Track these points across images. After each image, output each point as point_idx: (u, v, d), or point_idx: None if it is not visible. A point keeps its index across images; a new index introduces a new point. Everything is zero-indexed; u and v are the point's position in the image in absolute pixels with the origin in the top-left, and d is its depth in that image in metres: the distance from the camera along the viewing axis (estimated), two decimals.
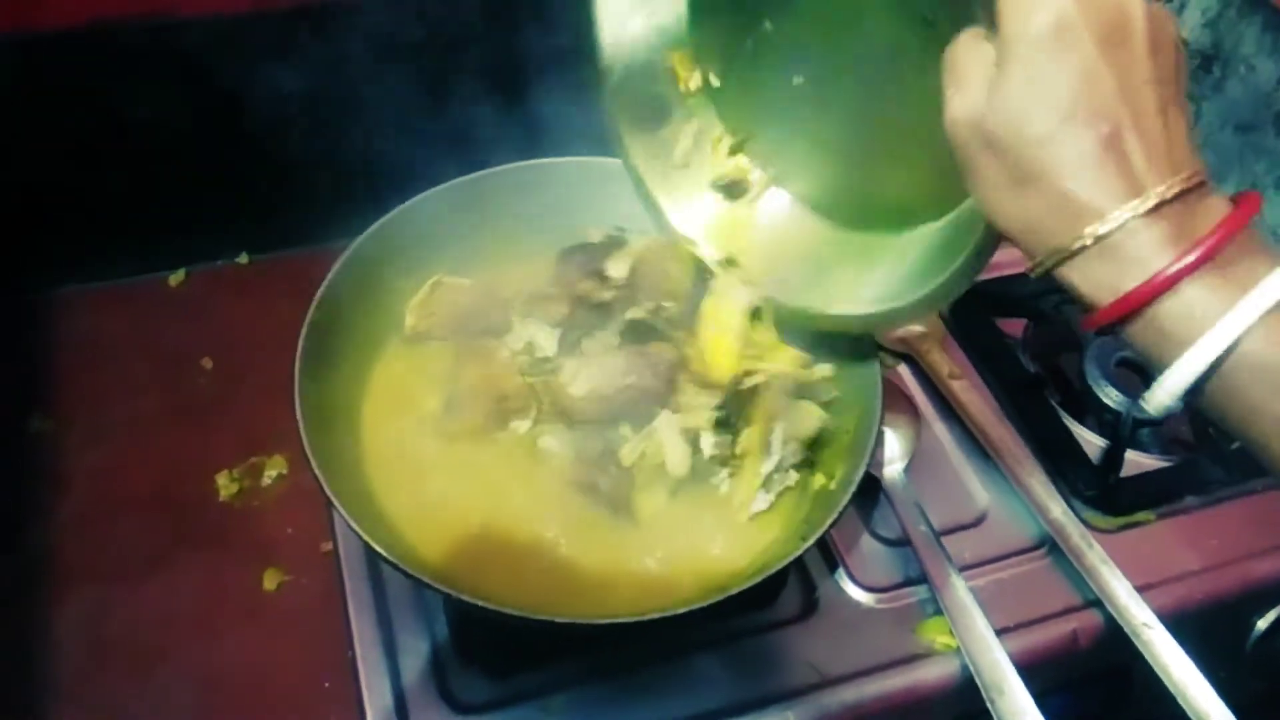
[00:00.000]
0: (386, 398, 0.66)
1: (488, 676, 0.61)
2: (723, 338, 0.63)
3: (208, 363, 0.80)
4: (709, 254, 0.65)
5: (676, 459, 0.60)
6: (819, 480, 0.63)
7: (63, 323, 0.81)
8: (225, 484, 0.73)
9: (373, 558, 0.65)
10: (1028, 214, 0.37)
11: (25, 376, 0.77)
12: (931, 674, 0.64)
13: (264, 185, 0.83)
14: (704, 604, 0.49)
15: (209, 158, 0.81)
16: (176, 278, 0.86)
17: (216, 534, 0.70)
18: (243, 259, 0.88)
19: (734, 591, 0.49)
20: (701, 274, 0.66)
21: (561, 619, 0.48)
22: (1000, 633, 0.62)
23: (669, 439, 0.60)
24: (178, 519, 0.71)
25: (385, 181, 0.69)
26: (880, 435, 0.61)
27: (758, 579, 0.50)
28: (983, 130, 0.37)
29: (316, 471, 0.54)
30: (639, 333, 0.64)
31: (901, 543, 0.69)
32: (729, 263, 0.64)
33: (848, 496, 0.55)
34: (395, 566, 0.51)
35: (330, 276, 0.63)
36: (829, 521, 0.54)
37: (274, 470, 0.74)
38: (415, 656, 0.63)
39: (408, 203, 0.67)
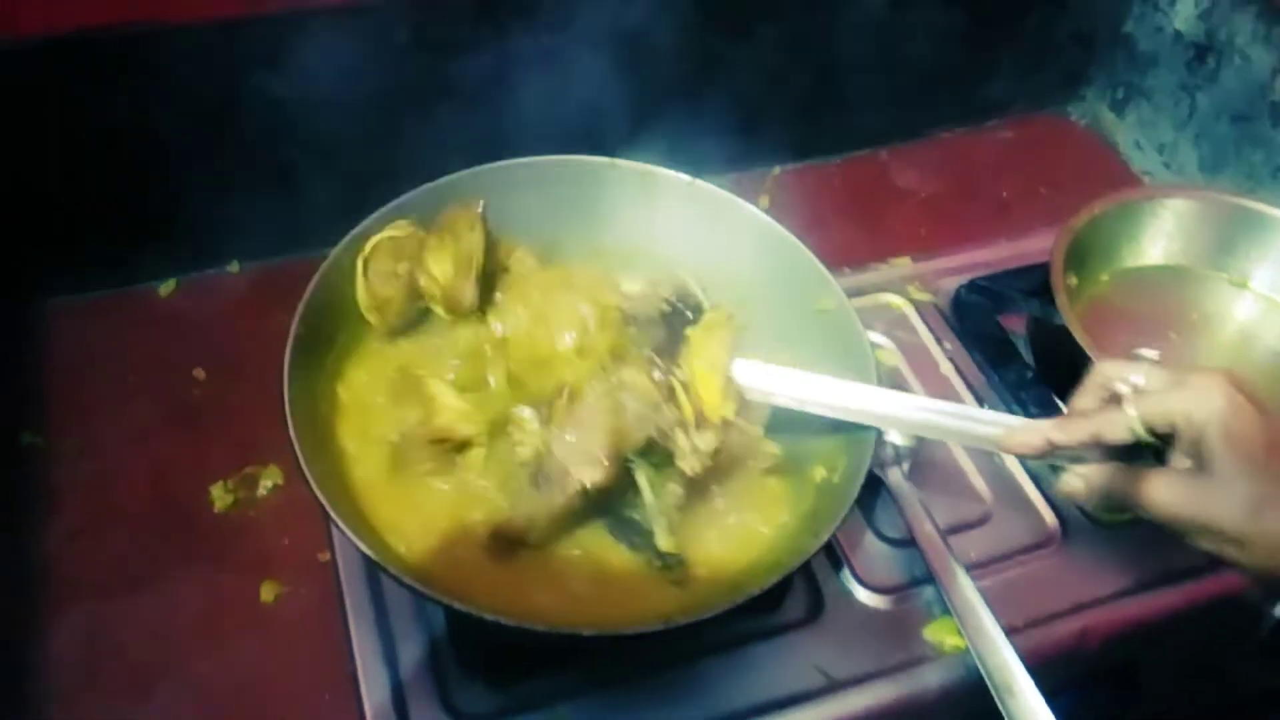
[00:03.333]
0: (377, 404, 0.65)
1: (490, 686, 0.60)
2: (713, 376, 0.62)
3: (200, 373, 0.79)
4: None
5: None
6: (819, 472, 0.61)
7: (52, 335, 0.80)
8: (220, 495, 0.72)
9: (372, 568, 0.64)
10: None
11: (15, 390, 0.76)
12: (940, 675, 0.64)
13: (254, 193, 0.81)
14: (712, 613, 0.48)
15: (198, 165, 0.80)
16: (167, 287, 0.85)
17: (213, 546, 0.69)
18: (233, 267, 0.87)
19: (741, 600, 0.48)
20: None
21: (562, 630, 0.47)
22: (1009, 632, 0.61)
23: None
24: (173, 531, 0.70)
25: (377, 187, 0.68)
26: (881, 432, 0.61)
27: (769, 583, 0.49)
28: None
29: (313, 484, 0.53)
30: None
31: (906, 542, 0.68)
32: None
33: (855, 490, 0.54)
34: (394, 577, 0.50)
35: (311, 287, 0.61)
36: (839, 516, 0.53)
37: (269, 480, 0.73)
38: (416, 668, 0.62)
39: (384, 207, 0.66)
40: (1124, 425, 0.50)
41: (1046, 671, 0.60)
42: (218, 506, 0.71)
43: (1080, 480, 0.53)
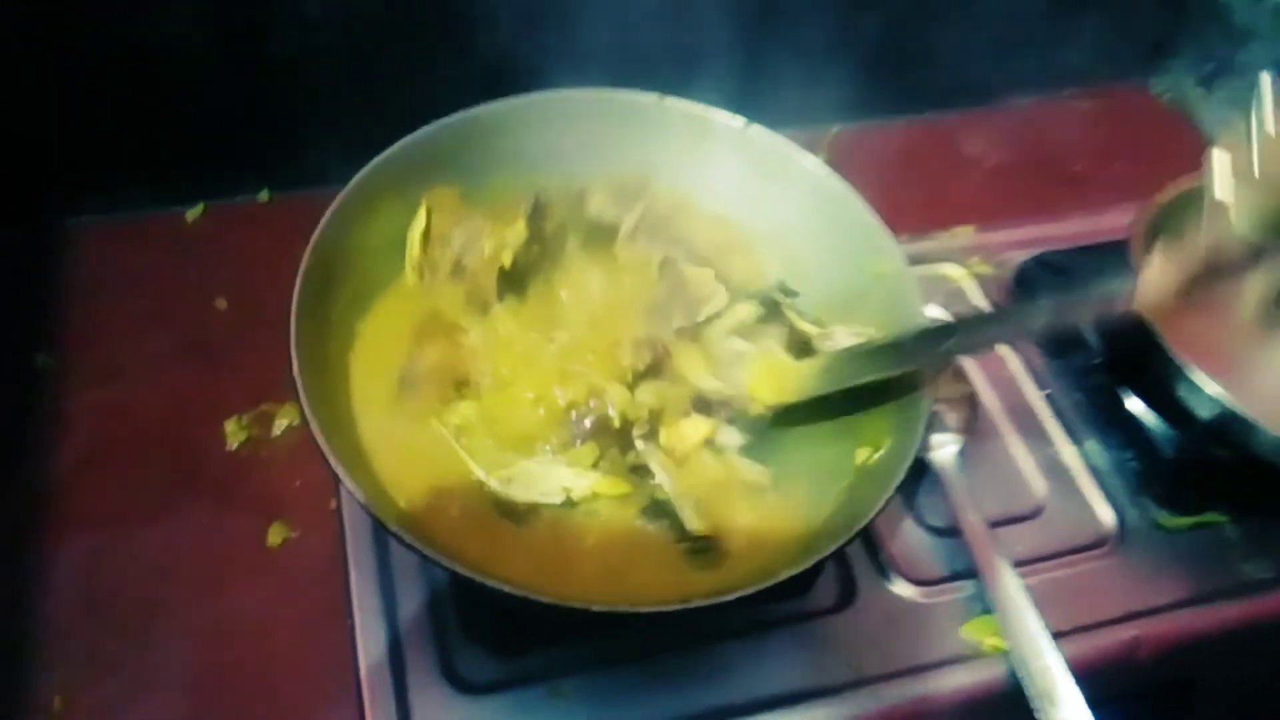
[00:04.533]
0: (398, 343, 0.61)
1: (494, 655, 0.57)
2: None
3: (222, 303, 0.76)
4: None
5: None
6: (863, 453, 0.57)
7: (72, 256, 0.78)
8: (234, 431, 0.70)
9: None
10: None
11: (31, 311, 0.74)
12: (976, 677, 0.60)
13: (289, 118, 0.78)
14: (735, 596, 0.44)
15: (232, 87, 0.76)
16: (193, 213, 0.82)
17: (222, 483, 0.67)
18: (264, 196, 0.84)
19: (769, 584, 0.44)
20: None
21: (571, 604, 0.44)
22: (1055, 636, 0.57)
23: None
24: (182, 465, 0.68)
25: (414, 119, 0.64)
26: (931, 411, 0.56)
27: (801, 567, 0.45)
28: None
29: (313, 426, 0.49)
30: None
31: (950, 532, 0.64)
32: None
33: (901, 474, 0.50)
34: (391, 533, 0.46)
35: (326, 218, 0.58)
36: (881, 500, 0.49)
37: (285, 420, 0.70)
38: (418, 629, 0.59)
39: (409, 136, 0.62)
40: None
41: (1092, 681, 0.56)
42: (230, 443, 0.69)
43: None
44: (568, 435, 0.57)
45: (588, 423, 0.57)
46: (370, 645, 0.58)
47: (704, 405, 0.59)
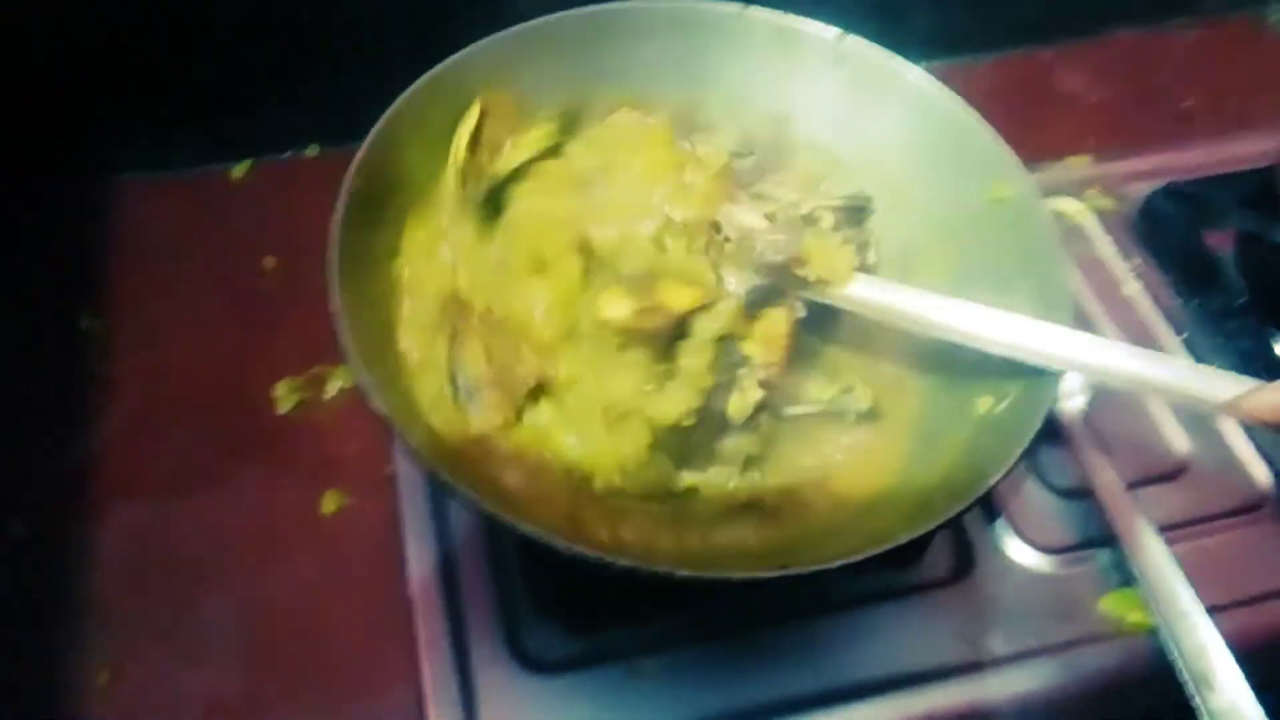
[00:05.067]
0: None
1: (567, 630, 0.52)
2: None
3: (270, 262, 0.73)
4: None
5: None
6: (985, 402, 0.50)
7: (117, 214, 0.75)
8: (285, 394, 0.66)
9: (435, 486, 0.56)
10: None
11: (76, 270, 0.72)
12: (1119, 658, 0.53)
13: (338, 70, 0.74)
14: (837, 564, 0.38)
15: (281, 37, 0.73)
16: (241, 169, 0.79)
17: (273, 449, 0.64)
18: (313, 151, 0.80)
19: (871, 553, 0.38)
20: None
21: (653, 568, 0.38)
22: (1210, 611, 0.50)
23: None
24: (232, 430, 0.64)
25: None
26: None
27: (917, 531, 0.39)
28: None
29: (362, 377, 0.44)
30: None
31: (1080, 493, 0.57)
32: None
33: (1033, 429, 0.43)
34: (444, 484, 0.41)
35: (371, 137, 0.53)
36: (1010, 459, 0.42)
37: (338, 381, 0.67)
38: (482, 602, 0.54)
39: (466, 49, 0.57)
40: None
41: (1255, 662, 0.49)
42: (281, 407, 0.66)
43: None
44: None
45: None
46: (429, 619, 0.54)
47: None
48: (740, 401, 0.50)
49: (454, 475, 0.41)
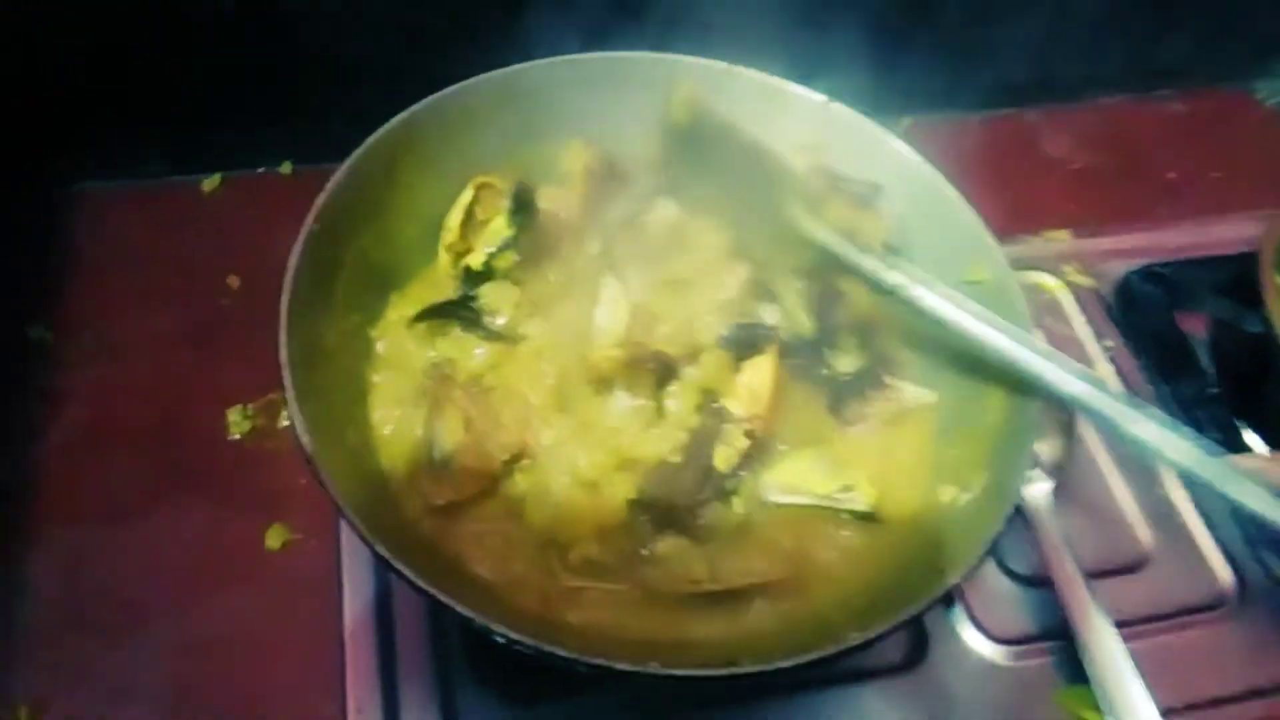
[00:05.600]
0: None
1: (503, 698, 0.51)
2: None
3: (234, 281, 0.71)
4: None
5: None
6: (947, 492, 0.49)
7: (79, 222, 0.73)
8: (237, 420, 0.65)
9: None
10: None
11: (30, 278, 0.69)
12: None
13: (316, 86, 0.73)
14: (791, 663, 0.37)
15: (257, 50, 0.71)
16: (211, 183, 0.77)
17: (221, 477, 0.62)
18: (285, 168, 0.79)
19: (832, 652, 0.37)
20: None
21: (590, 660, 0.37)
22: (1165, 715, 0.49)
23: None
24: (179, 455, 0.63)
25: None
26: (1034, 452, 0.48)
27: (874, 632, 0.37)
28: None
29: (297, 423, 0.43)
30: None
31: (1039, 582, 0.57)
32: None
33: (999, 525, 0.42)
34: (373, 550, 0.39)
35: (335, 180, 0.52)
36: (977, 551, 0.41)
37: None
38: (417, 662, 0.52)
39: (443, 91, 0.56)
40: None
41: None
42: (233, 433, 0.64)
43: None
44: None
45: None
46: (361, 676, 0.52)
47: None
48: (726, 453, 0.50)
49: (396, 549, 0.39)
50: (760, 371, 0.51)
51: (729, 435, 0.50)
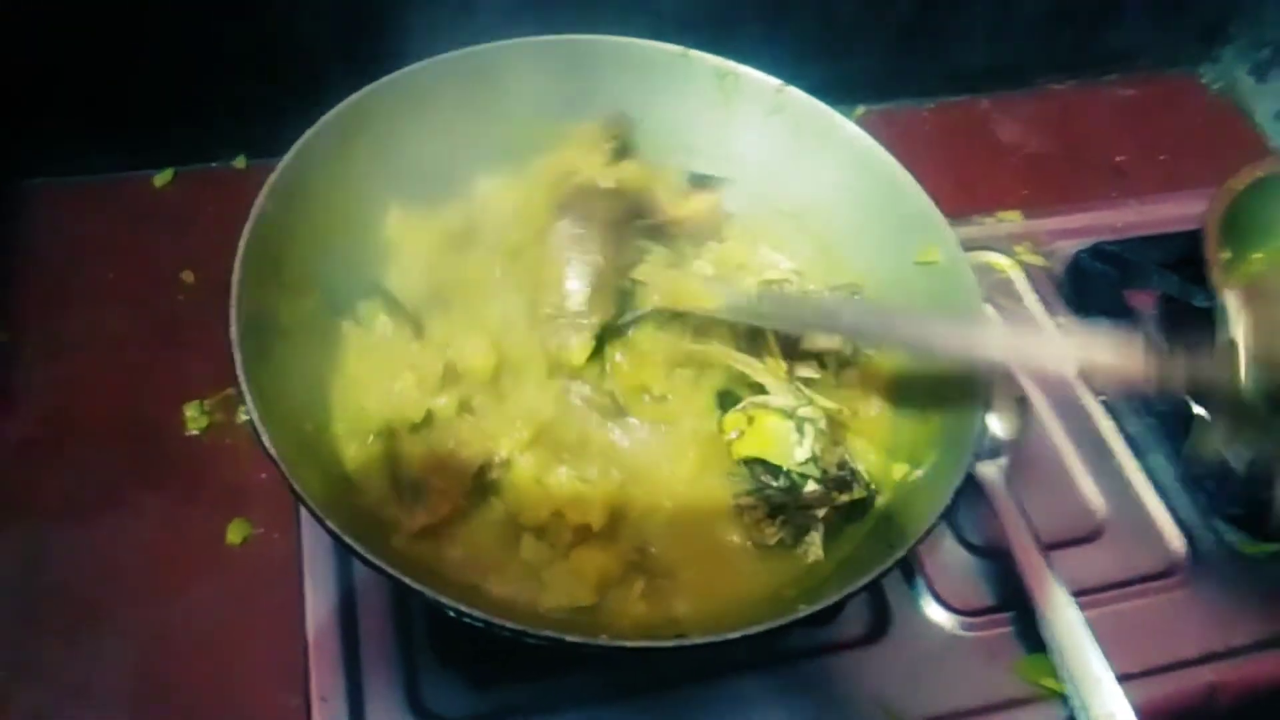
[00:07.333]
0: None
1: (468, 684, 0.51)
2: None
3: (189, 276, 0.71)
4: None
5: None
6: (899, 470, 0.50)
7: (29, 219, 0.72)
8: (194, 416, 0.64)
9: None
10: None
11: None
12: None
13: (270, 78, 0.72)
14: (742, 633, 0.38)
15: (209, 40, 0.70)
16: (163, 178, 0.76)
17: (179, 473, 0.62)
18: (239, 163, 0.78)
19: (784, 622, 0.37)
20: None
21: (566, 637, 0.36)
22: (1121, 679, 0.50)
23: None
24: (137, 451, 0.62)
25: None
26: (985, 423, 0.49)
27: (821, 602, 0.38)
28: None
29: (247, 397, 0.43)
30: None
31: (996, 554, 0.57)
32: None
33: (948, 498, 0.43)
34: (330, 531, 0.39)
35: (289, 157, 0.52)
36: (925, 525, 0.41)
37: None
38: (381, 651, 0.52)
39: (387, 76, 0.56)
40: None
41: None
42: (191, 429, 0.64)
43: None
44: None
45: None
46: (325, 666, 0.52)
47: None
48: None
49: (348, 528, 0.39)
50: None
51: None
